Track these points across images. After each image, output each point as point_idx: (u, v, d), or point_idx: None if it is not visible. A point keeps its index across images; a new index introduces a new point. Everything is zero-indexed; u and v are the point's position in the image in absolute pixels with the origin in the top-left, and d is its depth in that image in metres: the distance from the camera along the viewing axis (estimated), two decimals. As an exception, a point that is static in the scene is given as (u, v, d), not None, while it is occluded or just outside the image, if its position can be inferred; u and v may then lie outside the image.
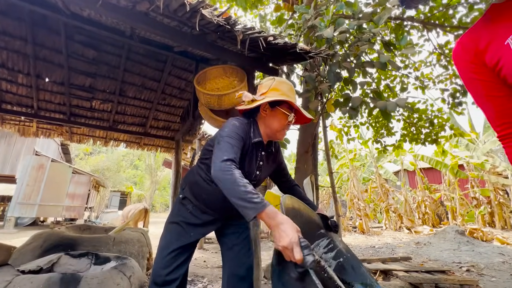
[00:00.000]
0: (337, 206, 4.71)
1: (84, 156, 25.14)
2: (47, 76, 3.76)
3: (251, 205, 0.83)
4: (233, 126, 1.13)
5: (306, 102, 3.35)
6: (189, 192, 1.34)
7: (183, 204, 1.35)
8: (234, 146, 1.04)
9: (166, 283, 1.20)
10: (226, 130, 1.12)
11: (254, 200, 0.84)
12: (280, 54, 2.27)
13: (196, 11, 1.63)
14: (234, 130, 1.11)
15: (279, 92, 1.20)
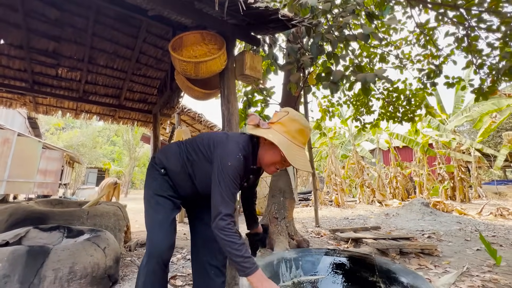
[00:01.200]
0: (314, 180, 4.88)
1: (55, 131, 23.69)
2: (2, 37, 3.35)
3: (242, 269, 0.98)
4: (238, 163, 1.10)
5: (288, 75, 3.29)
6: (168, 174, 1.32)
7: (165, 180, 1.31)
8: (235, 193, 1.10)
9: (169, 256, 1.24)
10: (231, 166, 1.08)
11: (245, 265, 0.97)
12: (261, 21, 2.16)
13: (168, -37, 1.46)
14: (237, 171, 1.09)
15: (284, 130, 1.08)
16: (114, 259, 1.88)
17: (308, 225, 4.96)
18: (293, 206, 3.31)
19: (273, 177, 3.38)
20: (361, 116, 5.40)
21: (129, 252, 2.92)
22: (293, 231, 3.21)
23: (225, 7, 1.74)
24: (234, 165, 1.07)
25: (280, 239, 2.92)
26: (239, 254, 0.98)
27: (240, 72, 2.27)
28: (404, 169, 10.67)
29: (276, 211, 3.14)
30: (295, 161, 1.04)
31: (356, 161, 9.64)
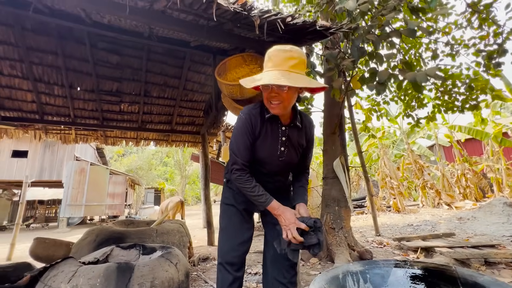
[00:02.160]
0: (369, 185, 4.59)
1: (117, 158, 26.78)
2: (79, 85, 4.01)
3: (259, 204, 1.22)
4: (240, 122, 1.24)
5: (329, 81, 3.24)
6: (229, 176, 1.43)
7: (228, 187, 1.46)
8: (240, 148, 1.23)
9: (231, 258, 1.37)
10: (235, 127, 1.27)
11: (260, 200, 1.20)
12: (299, 34, 2.20)
13: (211, 1, 1.62)
14: (241, 128, 1.23)
15: (264, 70, 1.16)
16: (185, 273, 2.02)
17: (367, 234, 4.64)
18: (350, 215, 3.16)
19: (324, 186, 3.29)
20: (413, 111, 4.96)
21: (193, 267, 3.10)
22: (353, 241, 3.05)
23: (264, 29, 1.83)
24: (237, 125, 1.24)
25: (340, 250, 2.80)
26: (253, 194, 1.20)
27: (283, 86, 2.32)
28: (474, 165, 9.31)
29: (332, 221, 3.03)
30: (248, 82, 1.13)
31: (412, 161, 8.76)
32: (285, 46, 1.10)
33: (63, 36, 3.38)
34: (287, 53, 1.07)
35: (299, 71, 1.07)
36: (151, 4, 1.89)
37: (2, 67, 3.51)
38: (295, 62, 1.06)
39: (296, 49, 1.09)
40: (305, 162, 1.43)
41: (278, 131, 1.26)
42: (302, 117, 1.32)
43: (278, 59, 1.07)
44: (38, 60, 3.54)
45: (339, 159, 3.14)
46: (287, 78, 1.02)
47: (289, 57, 1.06)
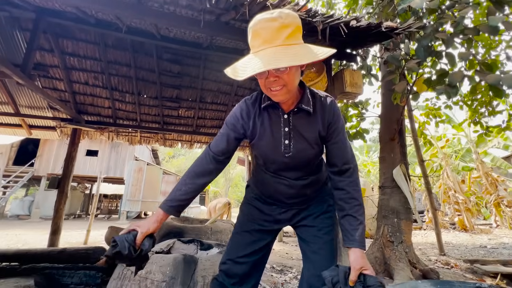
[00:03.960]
0: (431, 198, 4.15)
1: (168, 159, 29.03)
2: (145, 93, 4.50)
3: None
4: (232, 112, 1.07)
5: (390, 85, 3.06)
6: (252, 180, 1.27)
7: (247, 191, 1.28)
8: (221, 133, 1.06)
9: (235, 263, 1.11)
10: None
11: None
12: (360, 37, 2.14)
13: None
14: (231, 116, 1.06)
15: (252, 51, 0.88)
16: (241, 272, 2.10)
17: (429, 252, 4.18)
18: (411, 228, 2.89)
19: (382, 196, 3.09)
20: (482, 118, 4.34)
21: (243, 267, 3.18)
22: (415, 258, 2.78)
23: (326, 34, 1.83)
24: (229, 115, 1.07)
25: (400, 266, 2.58)
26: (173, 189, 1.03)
27: (340, 91, 2.27)
28: None
29: (391, 234, 2.81)
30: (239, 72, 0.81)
31: (483, 174, 7.62)
32: (270, 13, 0.82)
33: (136, 50, 3.84)
34: (277, 22, 0.79)
35: (298, 41, 0.82)
36: (218, 17, 2.05)
37: (88, 78, 4.13)
38: (290, 30, 0.80)
39: (286, 13, 0.82)
40: (337, 155, 1.01)
41: (279, 120, 1.00)
42: (313, 97, 0.99)
43: (268, 32, 0.79)
44: (115, 71, 4.09)
45: (400, 168, 2.92)
46: (288, 56, 0.77)
47: (282, 26, 0.79)
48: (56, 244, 4.03)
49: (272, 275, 2.82)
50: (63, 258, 3.25)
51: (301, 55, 0.77)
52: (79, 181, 16.15)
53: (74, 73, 4.01)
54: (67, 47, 3.68)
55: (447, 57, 2.38)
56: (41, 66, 3.80)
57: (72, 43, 3.64)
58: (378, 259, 2.83)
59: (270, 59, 0.76)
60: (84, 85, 4.21)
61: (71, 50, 3.72)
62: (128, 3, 2.03)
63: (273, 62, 0.75)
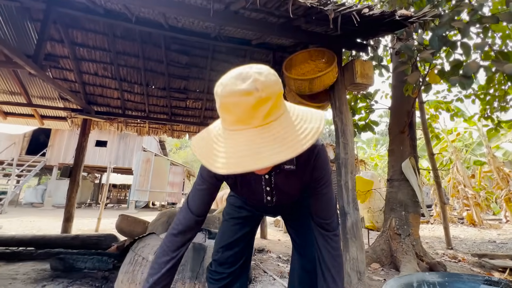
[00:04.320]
0: (440, 192, 4.11)
1: (176, 151, 29.33)
2: (153, 84, 4.52)
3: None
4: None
5: (401, 76, 2.99)
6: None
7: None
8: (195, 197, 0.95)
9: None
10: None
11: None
12: (372, 26, 2.09)
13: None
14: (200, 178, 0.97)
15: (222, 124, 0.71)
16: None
17: (436, 246, 4.16)
18: (419, 222, 2.88)
19: (390, 189, 3.07)
20: (494, 113, 4.21)
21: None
22: (422, 251, 2.78)
23: (338, 23, 1.79)
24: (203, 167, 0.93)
25: (406, 258, 2.59)
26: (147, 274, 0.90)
27: (351, 81, 2.24)
28: None
29: (398, 227, 2.81)
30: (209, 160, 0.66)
31: (495, 168, 7.46)
32: (241, 78, 0.62)
33: (144, 41, 3.84)
34: (252, 97, 0.60)
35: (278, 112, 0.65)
36: (227, 6, 2.02)
37: (97, 69, 4.17)
38: (270, 105, 0.62)
39: (261, 81, 0.61)
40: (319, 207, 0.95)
41: (260, 178, 0.95)
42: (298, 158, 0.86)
43: (241, 110, 0.62)
44: (124, 62, 4.10)
45: (409, 161, 2.89)
46: (274, 145, 0.61)
47: (259, 102, 0.61)
48: (69, 231, 4.17)
49: (278, 264, 2.87)
50: (76, 244, 3.37)
51: (286, 143, 0.61)
52: (89, 171, 16.52)
53: (83, 63, 4.05)
54: (77, 38, 3.70)
55: (462, 47, 2.31)
56: (52, 57, 3.84)
57: (82, 34, 3.66)
58: (384, 252, 2.84)
59: (249, 156, 0.60)
60: (93, 76, 4.25)
61: (81, 41, 3.75)
62: (137, -8, 2.02)
63: (252, 163, 0.59)
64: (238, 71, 0.65)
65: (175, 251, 0.90)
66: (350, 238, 1.94)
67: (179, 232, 0.91)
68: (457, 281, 1.52)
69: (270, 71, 0.66)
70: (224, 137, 0.67)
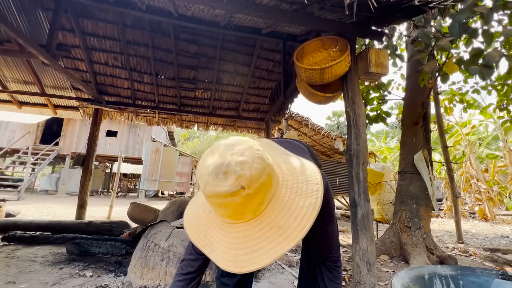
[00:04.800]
0: (453, 185, 4.02)
1: (184, 141, 29.61)
2: (163, 74, 4.52)
3: None
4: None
5: (416, 66, 2.89)
6: None
7: None
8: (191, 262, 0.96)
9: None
10: None
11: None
12: (388, 12, 2.01)
13: (302, -17, 1.59)
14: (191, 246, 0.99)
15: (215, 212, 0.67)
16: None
17: (446, 239, 4.11)
18: (430, 215, 2.84)
19: (401, 181, 3.02)
20: (510, 105, 4.04)
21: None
22: (432, 244, 2.75)
23: (354, 8, 1.72)
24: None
25: (416, 251, 2.57)
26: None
27: (365, 71, 2.17)
28: None
29: (408, 220, 2.78)
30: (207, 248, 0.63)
31: (510, 163, 7.25)
32: (223, 178, 0.56)
33: (154, 30, 3.82)
34: (239, 196, 0.56)
35: (269, 197, 0.60)
36: (239, -8, 1.97)
37: (108, 59, 4.19)
38: (260, 196, 0.59)
39: (246, 177, 0.56)
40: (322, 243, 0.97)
41: None
42: None
43: (231, 210, 0.59)
44: (133, 52, 4.11)
45: (422, 153, 2.82)
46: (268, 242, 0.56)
47: (247, 199, 0.57)
48: (83, 217, 4.31)
49: (286, 254, 2.90)
50: (90, 230, 3.48)
51: (283, 233, 0.56)
52: (100, 160, 16.90)
53: (94, 53, 4.07)
54: (87, 27, 3.72)
55: (483, 35, 2.20)
56: (64, 46, 3.88)
57: (92, 23, 3.66)
58: (394, 244, 2.83)
59: (244, 255, 0.56)
60: (104, 66, 4.28)
61: (91, 30, 3.76)
62: (147, -22, 1.99)
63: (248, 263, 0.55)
64: (217, 161, 0.57)
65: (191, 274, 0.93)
66: (360, 230, 1.92)
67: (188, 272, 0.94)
68: (470, 274, 1.49)
69: (253, 154, 0.58)
70: (217, 225, 0.63)
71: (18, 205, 7.30)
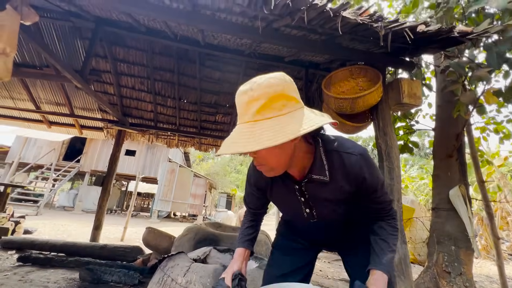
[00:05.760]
0: (493, 224, 3.64)
1: (199, 162, 29.90)
2: (185, 98, 4.64)
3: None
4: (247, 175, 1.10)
5: (448, 96, 2.77)
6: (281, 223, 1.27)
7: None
8: (246, 198, 1.12)
9: None
10: None
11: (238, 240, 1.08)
12: (423, 43, 1.95)
13: (336, 16, 1.59)
14: (246, 182, 1.10)
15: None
16: None
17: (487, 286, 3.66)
18: (471, 259, 2.54)
19: (435, 218, 2.77)
20: None
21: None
22: (476, 294, 2.43)
23: (388, 40, 1.68)
24: (248, 173, 1.08)
25: (459, 302, 2.26)
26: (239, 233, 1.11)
27: (397, 101, 2.08)
28: None
29: (447, 264, 2.49)
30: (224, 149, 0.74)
31: (550, 199, 6.62)
32: (247, 83, 0.76)
33: (180, 57, 3.97)
34: (246, 95, 0.72)
35: (271, 114, 0.70)
36: (269, 23, 2.00)
37: (135, 83, 4.37)
38: (260, 104, 0.70)
39: (258, 83, 0.72)
40: (373, 207, 0.90)
41: (294, 189, 0.90)
42: (330, 161, 0.83)
43: (239, 107, 0.75)
44: (159, 77, 4.27)
45: (458, 188, 2.60)
46: (244, 139, 0.68)
47: (250, 100, 0.71)
48: (97, 239, 4.25)
49: None
50: (103, 254, 3.40)
51: (262, 137, 0.66)
52: (118, 179, 17.25)
53: (123, 78, 4.27)
54: (119, 54, 3.93)
55: (526, 65, 2.08)
56: (96, 71, 4.10)
57: (124, 50, 3.87)
58: (430, 290, 2.52)
59: (229, 141, 0.72)
60: (131, 89, 4.45)
61: (122, 57, 3.97)
62: (181, 10, 2.08)
63: (227, 147, 0.70)
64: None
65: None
66: (398, 276, 1.72)
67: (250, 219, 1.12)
68: None
69: (277, 76, 0.75)
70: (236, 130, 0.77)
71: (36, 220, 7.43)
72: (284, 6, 1.63)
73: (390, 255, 0.84)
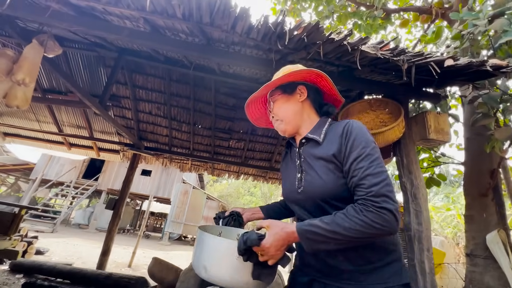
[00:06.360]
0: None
1: (212, 183, 29.84)
2: (200, 124, 4.66)
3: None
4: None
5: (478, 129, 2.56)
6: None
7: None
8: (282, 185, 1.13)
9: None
10: None
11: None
12: (449, 76, 1.82)
13: (354, 49, 1.51)
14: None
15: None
16: None
17: None
18: (518, 320, 2.16)
19: (471, 267, 2.43)
20: None
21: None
22: None
23: (412, 74, 1.57)
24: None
25: None
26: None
27: (422, 137, 1.92)
28: None
29: (489, 324, 2.14)
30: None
31: None
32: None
33: (196, 84, 4.05)
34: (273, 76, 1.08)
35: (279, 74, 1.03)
36: (283, 56, 1.96)
37: (152, 108, 4.47)
38: (280, 74, 1.01)
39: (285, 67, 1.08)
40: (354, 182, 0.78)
41: (295, 154, 1.01)
42: (329, 125, 0.95)
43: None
44: (175, 103, 4.35)
45: (497, 233, 2.29)
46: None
47: (275, 76, 1.05)
48: (104, 265, 4.15)
49: None
50: (108, 283, 3.27)
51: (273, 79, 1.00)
52: (132, 198, 17.45)
53: (141, 103, 4.38)
54: (138, 81, 4.07)
55: None
56: (115, 97, 4.25)
57: (143, 78, 4.01)
58: None
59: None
60: (147, 115, 4.55)
61: (141, 84, 4.10)
62: (197, 44, 2.10)
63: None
64: None
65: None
66: None
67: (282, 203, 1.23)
68: None
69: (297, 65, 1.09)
70: None
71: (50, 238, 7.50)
72: (299, 40, 1.58)
73: (319, 223, 0.74)
